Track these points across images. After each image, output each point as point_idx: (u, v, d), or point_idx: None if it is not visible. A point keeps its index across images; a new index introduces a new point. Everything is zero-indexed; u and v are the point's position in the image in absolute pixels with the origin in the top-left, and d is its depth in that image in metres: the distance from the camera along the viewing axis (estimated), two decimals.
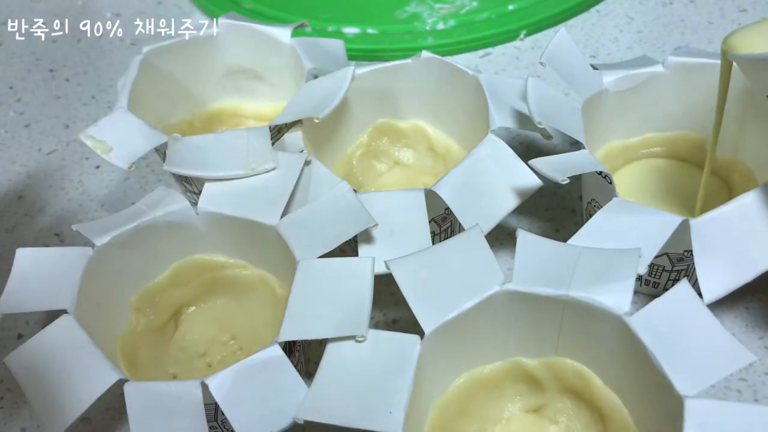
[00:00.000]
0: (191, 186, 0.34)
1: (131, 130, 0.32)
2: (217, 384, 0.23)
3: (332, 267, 0.26)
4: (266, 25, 0.38)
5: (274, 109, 0.39)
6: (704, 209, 0.27)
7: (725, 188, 0.33)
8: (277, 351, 0.24)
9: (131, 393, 0.23)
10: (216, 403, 0.23)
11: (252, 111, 0.40)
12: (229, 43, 0.38)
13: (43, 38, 0.50)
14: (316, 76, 0.35)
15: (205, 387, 0.23)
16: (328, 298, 0.25)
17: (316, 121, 0.31)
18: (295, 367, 0.24)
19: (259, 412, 0.23)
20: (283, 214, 0.29)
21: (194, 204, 0.30)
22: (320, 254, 0.27)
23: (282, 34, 0.37)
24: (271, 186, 0.29)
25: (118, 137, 0.32)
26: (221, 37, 0.38)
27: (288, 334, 0.24)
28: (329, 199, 0.29)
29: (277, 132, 0.33)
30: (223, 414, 0.23)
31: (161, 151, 0.34)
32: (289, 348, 0.26)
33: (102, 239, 0.28)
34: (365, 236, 0.28)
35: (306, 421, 0.22)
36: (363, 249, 0.28)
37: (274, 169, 0.30)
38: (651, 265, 0.29)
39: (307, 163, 0.30)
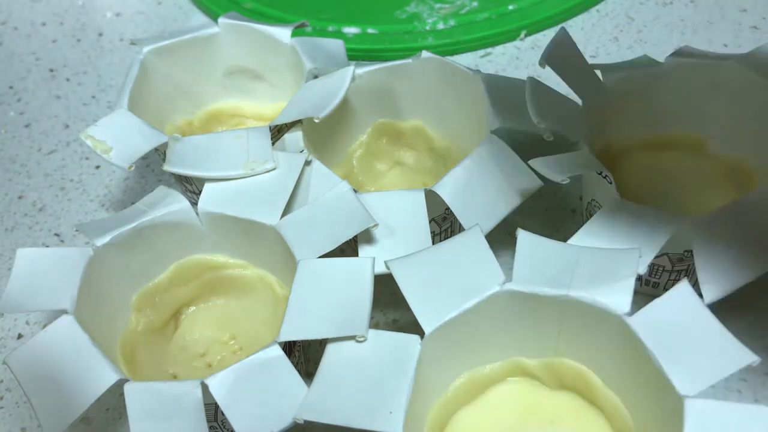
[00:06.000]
0: (191, 186, 0.34)
1: (131, 130, 0.32)
2: (217, 384, 0.23)
3: (332, 267, 0.26)
4: (266, 25, 0.38)
5: (274, 109, 0.39)
6: None
7: (734, 186, 0.33)
8: (277, 351, 0.24)
9: (131, 393, 0.23)
10: (216, 403, 0.23)
11: (252, 111, 0.40)
12: (229, 43, 0.38)
13: (43, 38, 0.50)
14: (316, 76, 0.35)
15: (205, 387, 0.23)
16: (328, 298, 0.25)
17: (316, 121, 0.31)
18: (295, 367, 0.24)
19: (259, 413, 0.23)
20: (284, 214, 0.29)
21: (194, 204, 0.30)
22: (320, 254, 0.27)
23: (282, 34, 0.37)
24: (272, 186, 0.29)
25: (118, 137, 0.32)
26: (221, 36, 0.38)
27: (288, 334, 0.24)
28: (329, 199, 0.29)
29: (277, 132, 0.33)
30: (223, 414, 0.23)
31: (161, 151, 0.34)
32: (289, 348, 0.26)
33: (102, 239, 0.28)
34: (365, 236, 0.28)
35: (306, 421, 0.22)
36: (363, 249, 0.28)
37: (274, 169, 0.30)
38: (651, 265, 0.29)
39: (307, 163, 0.30)
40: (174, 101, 0.38)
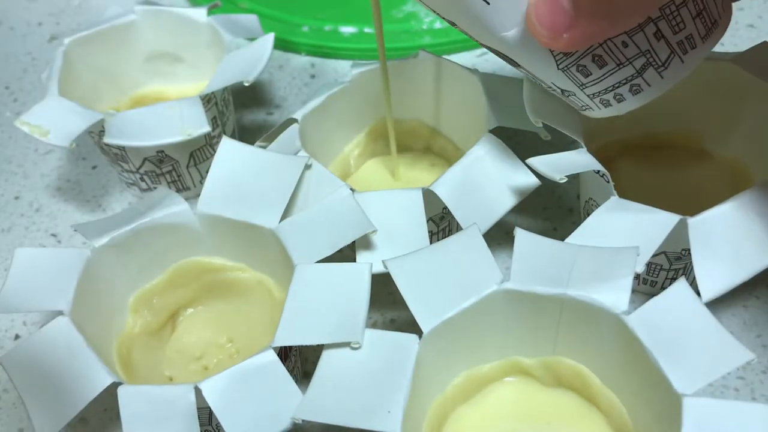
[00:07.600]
0: (128, 165, 0.35)
1: (65, 112, 0.33)
2: (210, 388, 0.23)
3: (329, 272, 0.26)
4: (181, 8, 0.39)
5: (197, 90, 0.39)
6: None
7: (730, 184, 0.33)
8: (271, 356, 0.24)
9: (124, 396, 0.23)
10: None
11: (175, 94, 0.41)
12: (147, 28, 0.39)
13: (39, 38, 0.50)
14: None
15: (198, 391, 0.23)
16: (324, 303, 0.25)
17: (246, 84, 0.32)
18: (291, 371, 0.24)
19: (252, 417, 0.23)
20: (283, 217, 0.28)
21: (132, 183, 0.30)
22: (318, 259, 0.26)
23: (198, 13, 0.38)
24: (271, 189, 0.29)
25: (54, 120, 0.33)
26: (139, 23, 0.39)
27: (283, 339, 0.24)
28: (329, 204, 0.28)
29: (207, 102, 0.35)
30: (217, 418, 0.23)
31: (95, 133, 0.35)
32: (285, 352, 0.26)
33: (100, 240, 0.28)
34: (363, 237, 0.28)
35: (304, 421, 0.22)
36: (360, 249, 0.28)
37: (209, 132, 0.32)
38: (649, 264, 0.29)
39: (307, 167, 0.30)
40: (99, 90, 0.39)
